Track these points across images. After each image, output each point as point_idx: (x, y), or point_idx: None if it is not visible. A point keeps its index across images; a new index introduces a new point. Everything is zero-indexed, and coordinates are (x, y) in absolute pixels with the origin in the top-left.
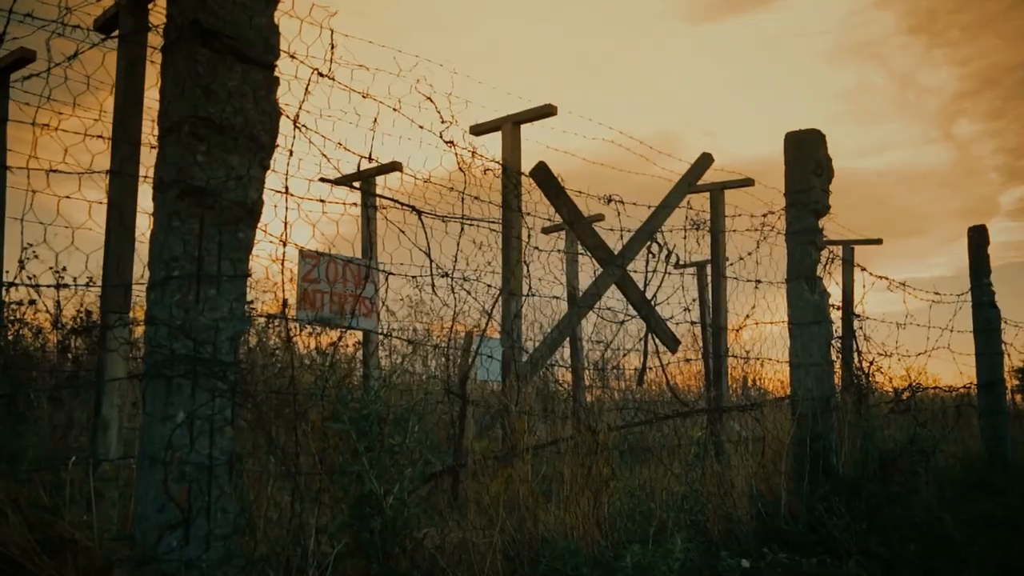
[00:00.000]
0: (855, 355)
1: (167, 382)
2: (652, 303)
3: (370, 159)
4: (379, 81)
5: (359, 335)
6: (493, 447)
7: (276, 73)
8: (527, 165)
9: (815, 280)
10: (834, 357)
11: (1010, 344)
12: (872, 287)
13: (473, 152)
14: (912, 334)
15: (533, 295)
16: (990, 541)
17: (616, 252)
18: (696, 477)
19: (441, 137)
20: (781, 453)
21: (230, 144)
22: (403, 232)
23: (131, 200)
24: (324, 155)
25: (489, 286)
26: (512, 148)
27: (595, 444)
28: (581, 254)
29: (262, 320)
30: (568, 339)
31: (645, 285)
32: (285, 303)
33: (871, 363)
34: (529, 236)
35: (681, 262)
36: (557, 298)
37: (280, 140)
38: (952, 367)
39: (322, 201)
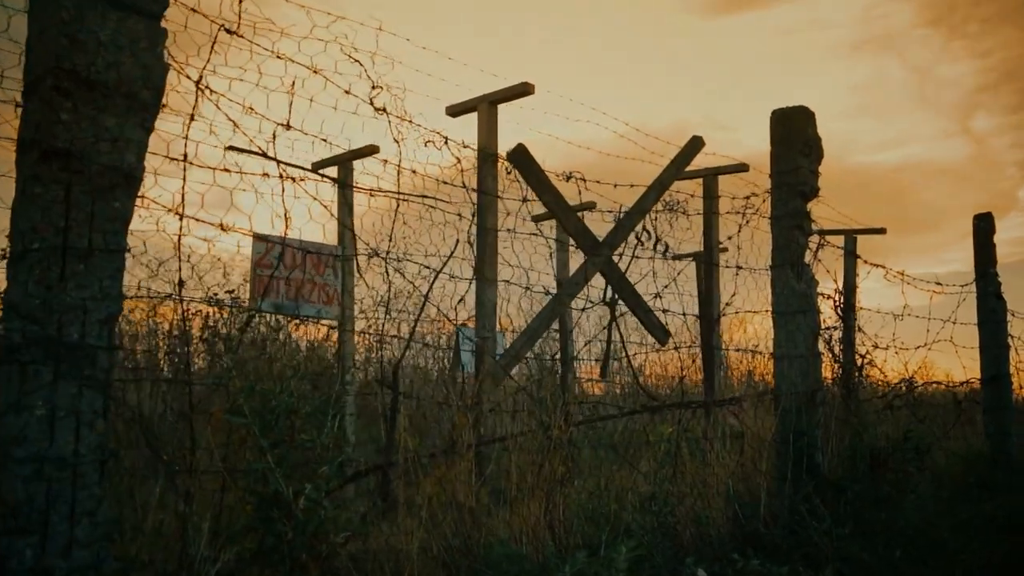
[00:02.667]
0: (847, 347)
1: (21, 368)
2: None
3: (287, 127)
4: (313, 46)
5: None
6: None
7: (165, 24)
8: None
9: (802, 267)
10: (823, 349)
11: (1017, 338)
12: (868, 276)
13: (405, 119)
14: (914, 327)
15: (506, 282)
16: (986, 545)
17: (601, 239)
18: (666, 476)
19: (372, 104)
20: (762, 451)
21: (101, 102)
22: (333, 215)
23: None
24: (232, 121)
25: (452, 276)
26: (488, 130)
27: (547, 441)
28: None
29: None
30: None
31: (622, 268)
32: (181, 283)
33: (863, 356)
34: (515, 225)
35: (670, 250)
36: (528, 288)
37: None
38: (958, 361)
39: (227, 171)
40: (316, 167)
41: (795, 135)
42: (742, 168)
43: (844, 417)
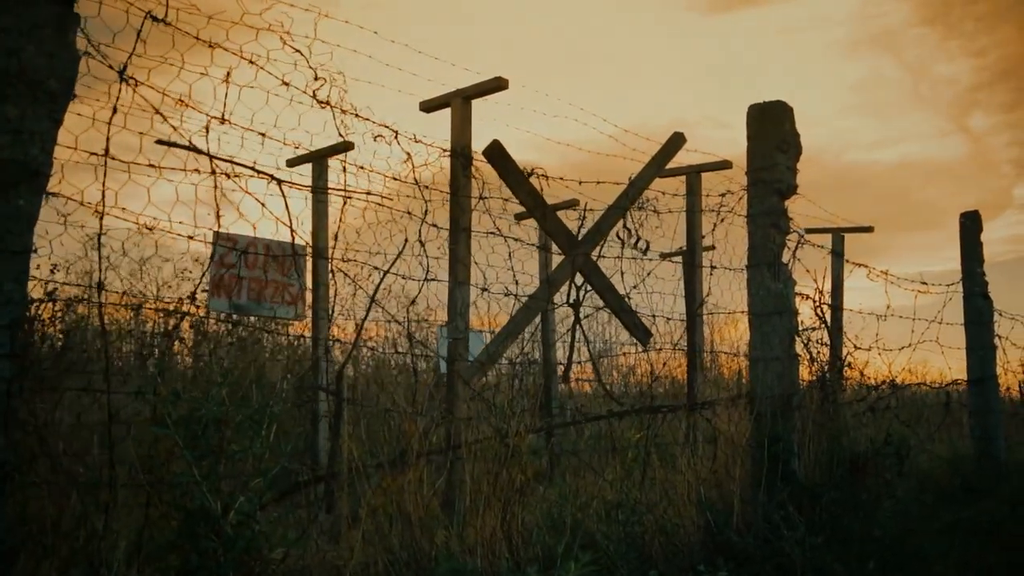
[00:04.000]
0: (824, 349)
1: None
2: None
3: (223, 121)
4: (248, 36)
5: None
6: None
7: (77, 10)
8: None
9: (779, 267)
10: (800, 351)
11: (1005, 338)
12: (851, 275)
13: (350, 112)
14: (901, 327)
15: (483, 289)
16: (966, 553)
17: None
18: (634, 484)
19: (315, 97)
20: (735, 457)
21: (1, 91)
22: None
23: None
24: (159, 113)
25: (403, 276)
26: (462, 126)
27: (505, 449)
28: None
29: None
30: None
31: (584, 261)
32: (100, 286)
33: (842, 359)
34: (495, 224)
35: (651, 248)
36: (486, 290)
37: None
38: (948, 361)
39: (153, 167)
40: (290, 164)
41: (772, 130)
42: (725, 165)
43: (822, 421)
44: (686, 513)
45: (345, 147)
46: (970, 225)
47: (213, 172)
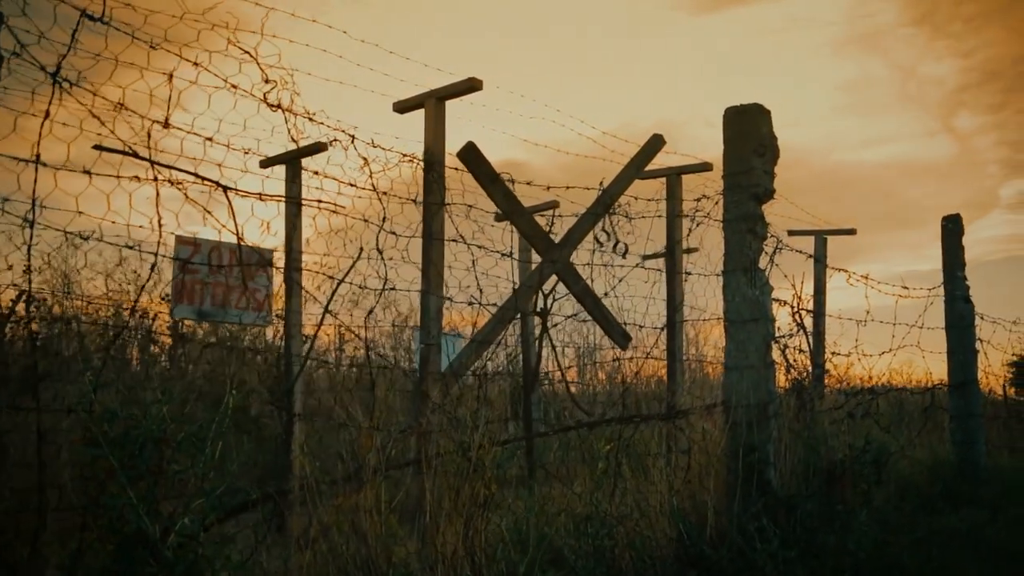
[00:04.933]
0: (801, 356)
1: None
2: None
3: (165, 125)
4: (188, 34)
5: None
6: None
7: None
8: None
9: (755, 272)
10: (778, 358)
11: (987, 342)
12: (830, 279)
13: (305, 115)
14: (883, 331)
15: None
16: (945, 564)
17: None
18: (604, 496)
19: (265, 100)
20: (710, 467)
21: None
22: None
23: None
24: (96, 117)
25: (361, 286)
26: (435, 128)
27: (467, 463)
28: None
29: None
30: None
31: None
32: (25, 296)
33: (819, 365)
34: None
35: (629, 252)
36: (449, 299)
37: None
38: (934, 364)
39: (88, 173)
40: (264, 165)
41: (749, 134)
42: (706, 167)
43: (799, 430)
44: (658, 525)
45: (319, 148)
46: (952, 228)
47: (155, 179)
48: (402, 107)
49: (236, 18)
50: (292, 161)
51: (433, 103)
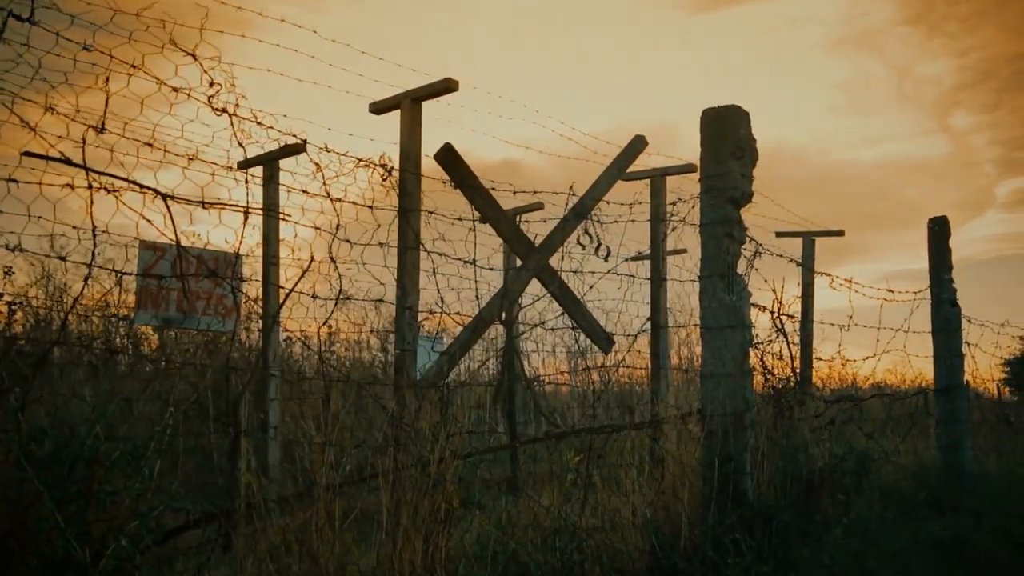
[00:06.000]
0: (780, 362)
1: None
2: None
3: (100, 130)
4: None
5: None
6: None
7: None
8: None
9: (733, 278)
10: (755, 365)
11: (975, 345)
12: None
13: (251, 119)
14: (869, 333)
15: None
16: (925, 574)
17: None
18: (573, 509)
19: (210, 105)
20: (684, 477)
21: None
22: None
23: None
24: (26, 124)
25: (313, 296)
26: (411, 129)
27: (426, 478)
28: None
29: None
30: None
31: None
32: None
33: (796, 372)
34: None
35: (611, 254)
36: (410, 309)
37: None
38: (925, 365)
39: (14, 181)
40: (242, 166)
41: (726, 136)
42: (691, 168)
43: (777, 438)
44: (630, 538)
45: (297, 149)
46: (938, 231)
47: (90, 187)
48: (378, 108)
49: (173, 19)
50: (270, 162)
51: (409, 103)
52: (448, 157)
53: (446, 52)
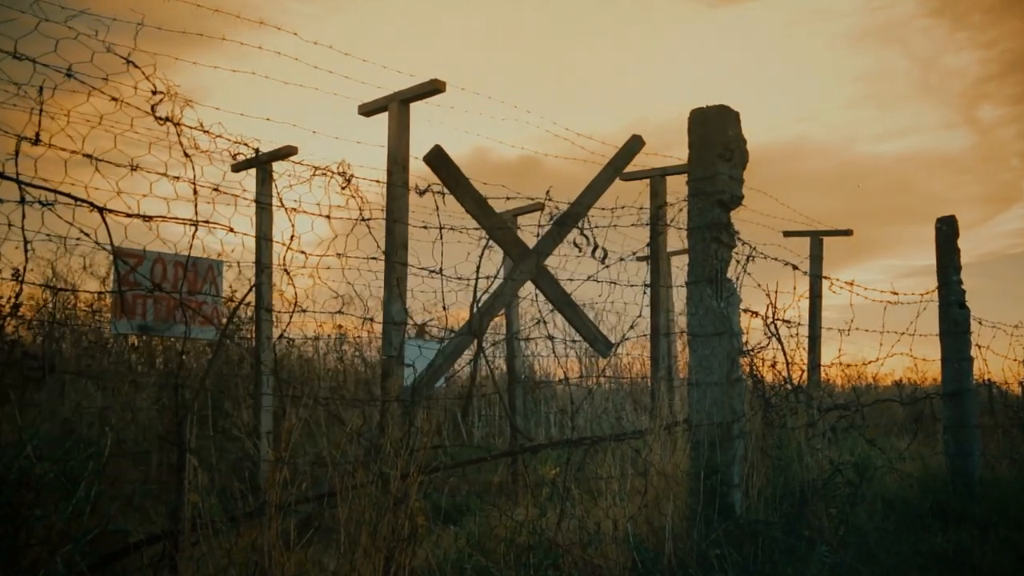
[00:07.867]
0: (772, 369)
1: None
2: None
3: (36, 141)
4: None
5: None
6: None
7: None
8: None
9: (722, 283)
10: (745, 374)
11: (986, 347)
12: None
13: (198, 128)
14: (871, 339)
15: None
16: None
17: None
18: (550, 524)
19: (153, 114)
20: (668, 490)
21: None
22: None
23: None
24: None
25: (269, 310)
26: (399, 131)
27: (386, 496)
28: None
29: None
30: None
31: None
32: None
33: (788, 379)
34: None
35: (609, 256)
36: (394, 322)
37: None
38: (927, 373)
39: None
40: (236, 169)
41: (714, 137)
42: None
43: (768, 448)
44: (610, 553)
45: (287, 151)
46: (946, 231)
47: (22, 200)
48: (367, 110)
49: (107, 26)
50: (263, 165)
51: (397, 105)
52: (438, 159)
53: (446, 53)
